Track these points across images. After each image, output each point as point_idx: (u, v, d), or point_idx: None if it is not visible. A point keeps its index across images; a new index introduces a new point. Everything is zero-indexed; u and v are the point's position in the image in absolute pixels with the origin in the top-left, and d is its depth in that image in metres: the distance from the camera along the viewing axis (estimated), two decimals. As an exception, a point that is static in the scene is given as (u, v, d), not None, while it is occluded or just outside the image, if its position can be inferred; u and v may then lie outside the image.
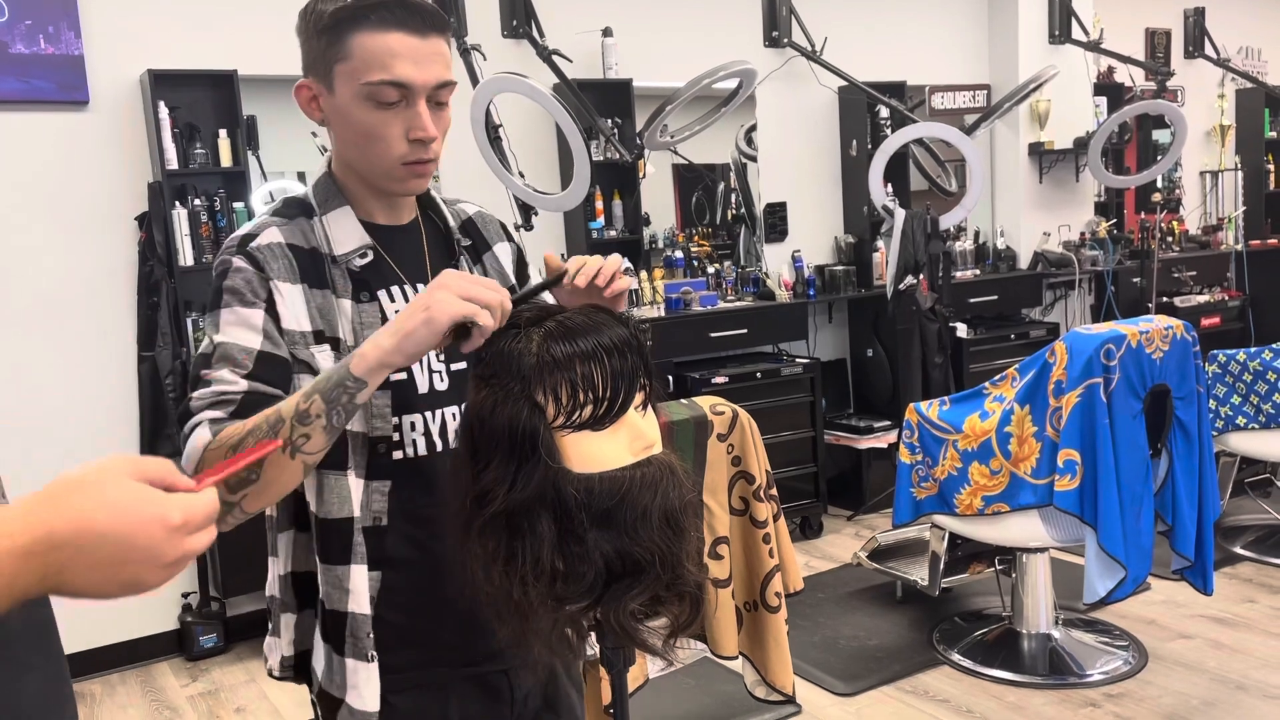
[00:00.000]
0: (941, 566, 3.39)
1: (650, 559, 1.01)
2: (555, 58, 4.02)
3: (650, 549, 1.01)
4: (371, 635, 1.24)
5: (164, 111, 3.61)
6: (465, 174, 4.21)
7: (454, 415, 1.31)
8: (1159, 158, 6.06)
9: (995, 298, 5.52)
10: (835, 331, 5.38)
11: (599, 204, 4.62)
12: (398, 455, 1.26)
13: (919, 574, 3.58)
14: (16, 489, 3.00)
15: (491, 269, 1.43)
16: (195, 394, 1.16)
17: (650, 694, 2.88)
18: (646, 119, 4.31)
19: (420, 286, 1.32)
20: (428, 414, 1.29)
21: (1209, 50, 6.10)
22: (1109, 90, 6.12)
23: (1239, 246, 6.45)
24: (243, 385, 1.15)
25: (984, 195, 5.64)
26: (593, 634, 1.26)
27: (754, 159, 5.16)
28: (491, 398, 1.00)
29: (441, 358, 1.31)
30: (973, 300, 5.41)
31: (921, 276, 4.60)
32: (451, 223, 1.41)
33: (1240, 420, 3.89)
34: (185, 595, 3.80)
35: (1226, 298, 6.22)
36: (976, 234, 5.79)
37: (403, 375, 1.27)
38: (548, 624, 1.03)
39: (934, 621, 3.61)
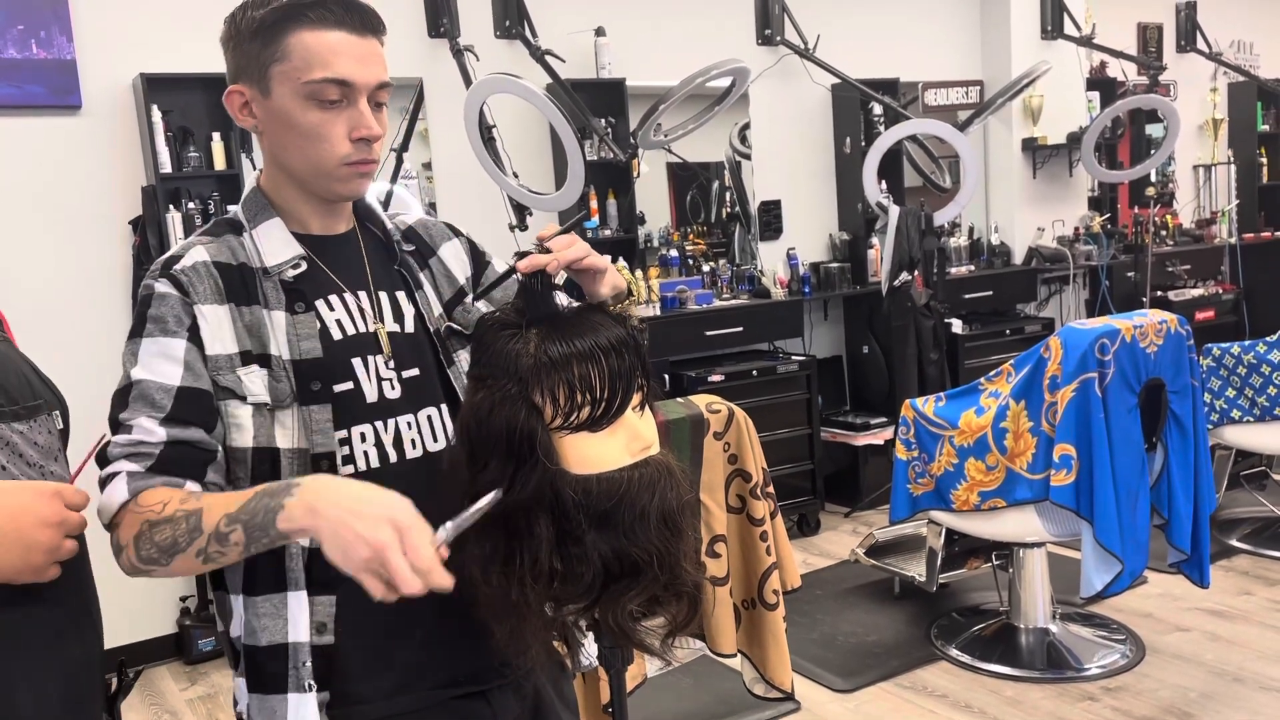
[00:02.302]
0: (939, 562, 3.39)
1: (648, 559, 1.01)
2: (548, 58, 4.02)
3: (648, 549, 1.01)
4: (309, 664, 1.16)
5: (157, 115, 3.60)
6: (459, 175, 4.22)
7: (409, 424, 1.24)
8: (1152, 152, 6.06)
9: (990, 293, 5.52)
10: (831, 329, 5.39)
11: (593, 203, 4.62)
12: (348, 470, 1.19)
13: (916, 570, 3.59)
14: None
15: (439, 273, 1.38)
16: (114, 439, 1.12)
17: (649, 692, 2.88)
18: (640, 118, 4.31)
19: (362, 294, 1.28)
20: (379, 424, 1.22)
21: (1201, 44, 6.11)
22: (1102, 85, 6.13)
23: (1232, 240, 6.46)
24: (161, 435, 1.11)
25: (978, 191, 5.65)
26: (590, 638, 1.25)
27: (748, 157, 5.16)
28: (489, 399, 1.00)
29: (390, 364, 1.26)
30: (968, 296, 5.41)
31: (916, 273, 4.61)
32: (390, 228, 1.37)
33: (1235, 413, 3.90)
34: (183, 599, 3.79)
35: (1220, 291, 6.23)
36: (971, 230, 5.80)
37: (348, 384, 1.22)
38: (545, 625, 1.03)
39: (932, 617, 3.62)
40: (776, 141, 5.18)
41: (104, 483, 1.10)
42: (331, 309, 1.25)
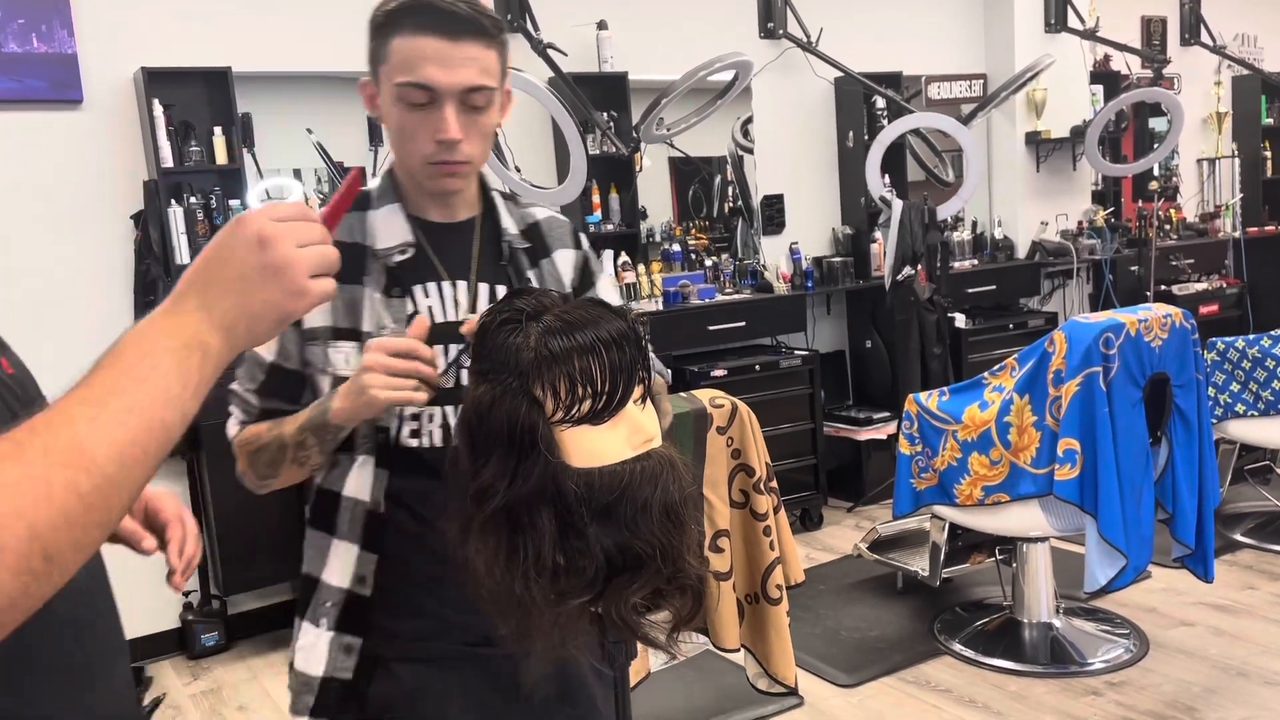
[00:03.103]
0: (942, 557, 3.39)
1: (651, 552, 1.01)
2: (550, 51, 4.01)
3: (651, 542, 1.01)
4: (330, 605, 1.32)
5: (158, 109, 3.60)
6: (461, 169, 4.21)
7: None
8: (1156, 146, 6.05)
9: (993, 288, 5.51)
10: (834, 323, 5.38)
11: (595, 198, 4.61)
12: (413, 443, 1.32)
13: (919, 565, 3.58)
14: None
15: (548, 275, 1.45)
16: (232, 387, 1.35)
17: (652, 687, 2.88)
18: (642, 112, 4.31)
19: (461, 284, 1.38)
20: (449, 408, 1.33)
21: (1205, 37, 6.09)
22: (1105, 78, 6.11)
23: (1237, 234, 6.45)
24: (256, 404, 1.34)
25: (981, 185, 5.64)
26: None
27: (750, 151, 5.15)
28: (490, 393, 1.00)
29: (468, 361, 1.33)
30: (971, 290, 5.40)
31: (919, 267, 4.60)
32: (509, 225, 1.43)
33: (1239, 407, 3.89)
34: (186, 594, 3.80)
35: (1224, 285, 6.21)
36: (974, 224, 5.79)
37: None
38: (550, 619, 1.03)
39: (935, 612, 3.62)
40: (779, 135, 5.17)
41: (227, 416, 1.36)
42: (427, 295, 1.36)
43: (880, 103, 5.18)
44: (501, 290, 1.41)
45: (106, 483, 0.68)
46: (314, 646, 1.33)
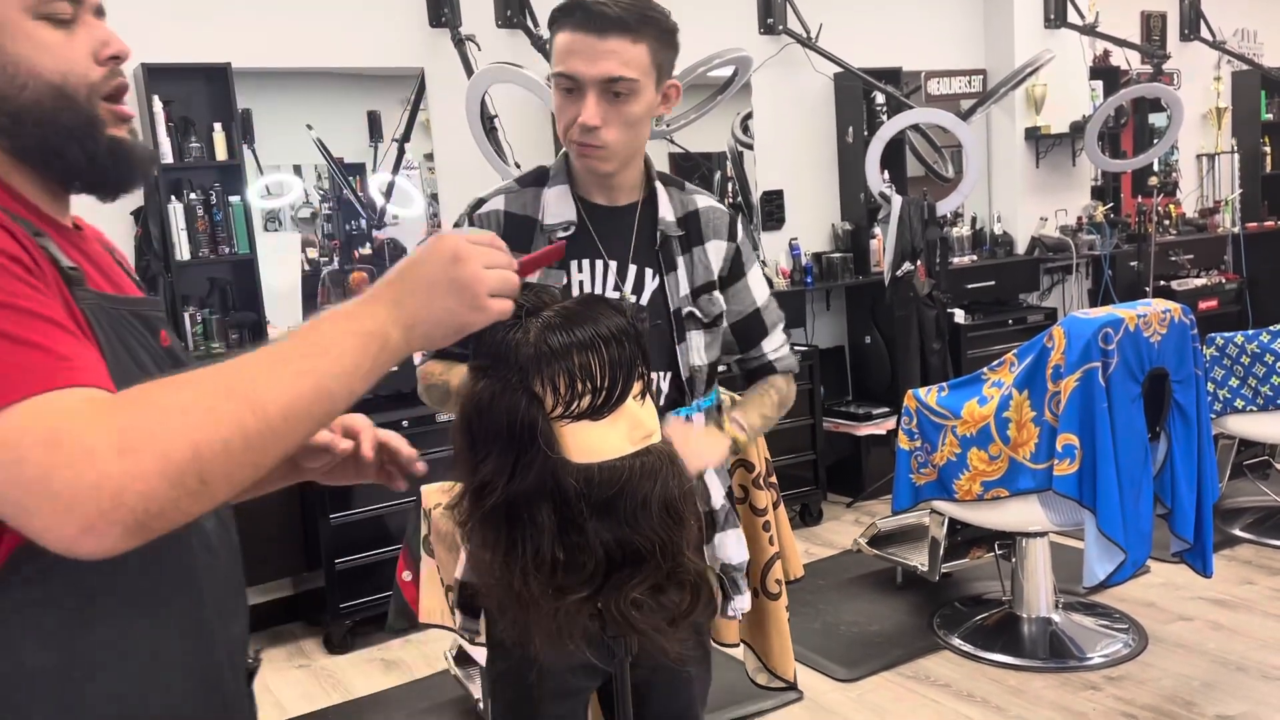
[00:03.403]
0: (941, 552, 3.39)
1: (650, 548, 1.01)
2: (550, 47, 4.01)
3: (650, 538, 1.01)
4: None
5: (158, 105, 3.60)
6: (461, 166, 4.21)
7: None
8: (1155, 141, 6.05)
9: (993, 283, 5.51)
10: (833, 319, 5.38)
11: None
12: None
13: (919, 560, 3.59)
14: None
15: (698, 262, 1.60)
16: None
17: (652, 682, 2.88)
18: (642, 108, 4.30)
19: (614, 263, 1.54)
20: None
21: (1205, 33, 6.09)
22: (1105, 74, 6.11)
23: (1236, 229, 6.44)
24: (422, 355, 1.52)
25: (980, 181, 5.64)
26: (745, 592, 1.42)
27: (750, 147, 5.15)
28: (489, 389, 1.00)
29: None
30: (970, 286, 5.40)
31: (919, 263, 4.60)
32: (666, 214, 1.58)
33: (1238, 403, 3.89)
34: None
35: (1224, 280, 6.21)
36: (973, 220, 5.78)
37: None
38: (549, 614, 1.03)
39: (934, 607, 3.62)
40: (779, 131, 5.17)
41: None
42: (581, 270, 1.53)
43: (880, 98, 5.17)
44: (650, 272, 1.56)
45: (269, 429, 0.78)
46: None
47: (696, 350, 1.59)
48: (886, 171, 4.88)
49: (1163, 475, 2.97)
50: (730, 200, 5.27)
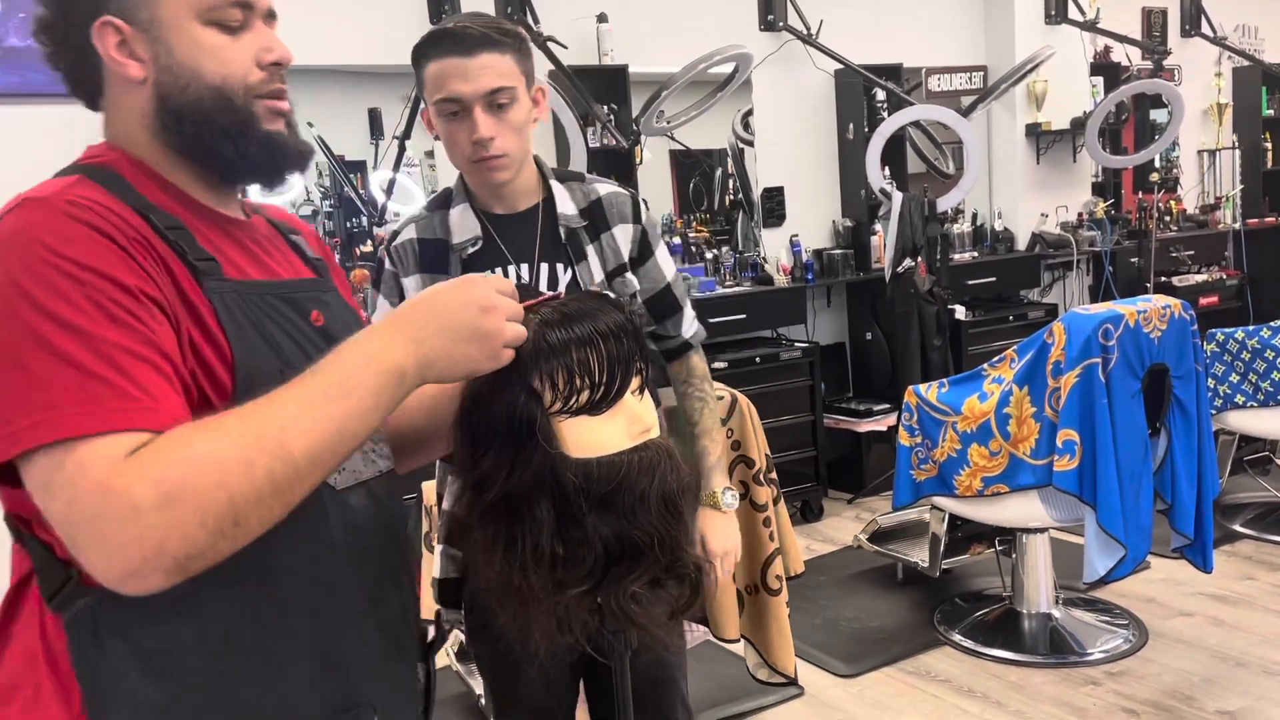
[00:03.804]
0: (942, 548, 3.40)
1: (649, 542, 1.02)
2: (550, 44, 4.01)
3: (649, 532, 1.01)
4: (443, 527, 1.47)
5: (159, 103, 3.60)
6: (462, 162, 4.21)
7: None
8: (1156, 137, 6.05)
9: (993, 279, 5.51)
10: (834, 315, 5.39)
11: (596, 191, 4.61)
12: None
13: (919, 555, 3.59)
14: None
15: (607, 248, 1.68)
16: None
17: (653, 678, 2.89)
18: (643, 105, 4.31)
19: (524, 266, 1.63)
20: None
21: (1206, 29, 6.08)
22: (1106, 70, 6.10)
23: (1237, 225, 6.44)
24: None
25: (981, 177, 5.64)
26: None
27: (751, 144, 5.15)
28: (488, 385, 1.00)
29: None
30: (971, 282, 5.40)
31: (919, 259, 4.60)
32: (565, 208, 1.65)
33: (1239, 398, 3.89)
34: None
35: (1224, 276, 6.21)
36: (974, 216, 5.78)
37: None
38: (548, 609, 1.04)
39: (935, 602, 3.63)
40: (779, 128, 5.17)
41: None
42: None
43: (880, 95, 5.17)
44: (561, 268, 1.64)
45: (296, 474, 0.83)
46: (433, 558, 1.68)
47: None
48: (887, 168, 4.89)
49: (1163, 471, 2.97)
50: (731, 197, 5.28)
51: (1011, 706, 2.91)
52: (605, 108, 4.50)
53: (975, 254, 5.60)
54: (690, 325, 1.88)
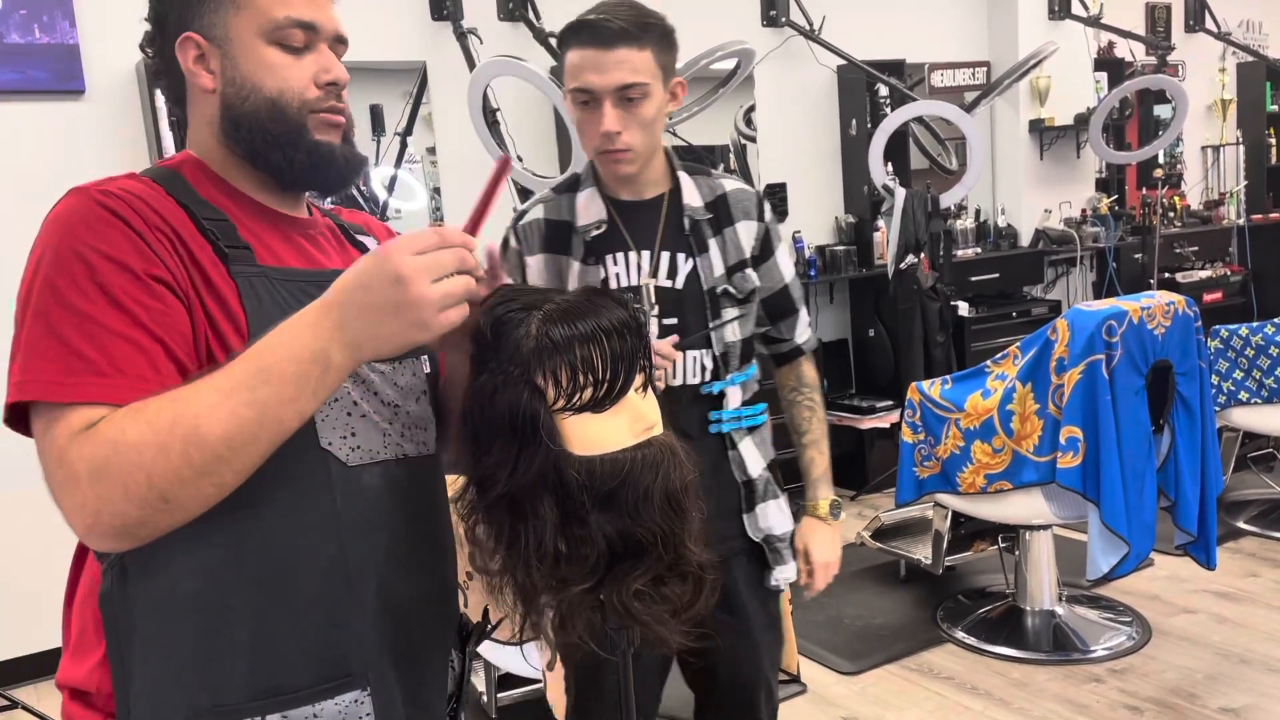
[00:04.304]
0: (945, 545, 3.40)
1: (652, 540, 1.01)
2: (552, 40, 4.00)
3: (652, 530, 1.01)
4: None
5: (160, 100, 3.59)
6: (463, 159, 4.21)
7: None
8: (1160, 133, 6.03)
9: (996, 276, 5.50)
10: (836, 312, 5.38)
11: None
12: None
13: (922, 553, 3.59)
14: (12, 486, 3.07)
15: (729, 242, 1.70)
16: None
17: (656, 675, 2.89)
18: (645, 101, 4.29)
19: (645, 253, 1.66)
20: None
21: (1210, 24, 6.06)
22: (1109, 65, 6.09)
23: (1240, 221, 6.43)
24: None
25: (984, 173, 5.63)
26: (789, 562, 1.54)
27: (753, 140, 5.14)
28: (491, 382, 1.00)
29: (654, 312, 1.65)
30: (974, 279, 5.39)
31: (922, 255, 4.59)
32: (691, 200, 1.68)
33: (1242, 395, 3.89)
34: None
35: (1228, 273, 6.20)
36: (977, 212, 5.77)
37: None
38: (552, 606, 1.03)
39: (938, 600, 3.62)
40: (782, 124, 5.16)
41: None
42: (615, 263, 1.66)
43: (883, 91, 5.16)
44: (681, 258, 1.67)
45: (215, 458, 0.88)
46: None
47: (731, 326, 1.71)
48: (890, 164, 4.87)
49: (1166, 468, 2.96)
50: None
51: (1015, 704, 2.91)
52: (607, 104, 4.48)
53: (978, 250, 5.59)
54: (804, 331, 1.88)
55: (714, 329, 1.67)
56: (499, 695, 2.84)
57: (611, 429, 1.01)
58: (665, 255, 1.67)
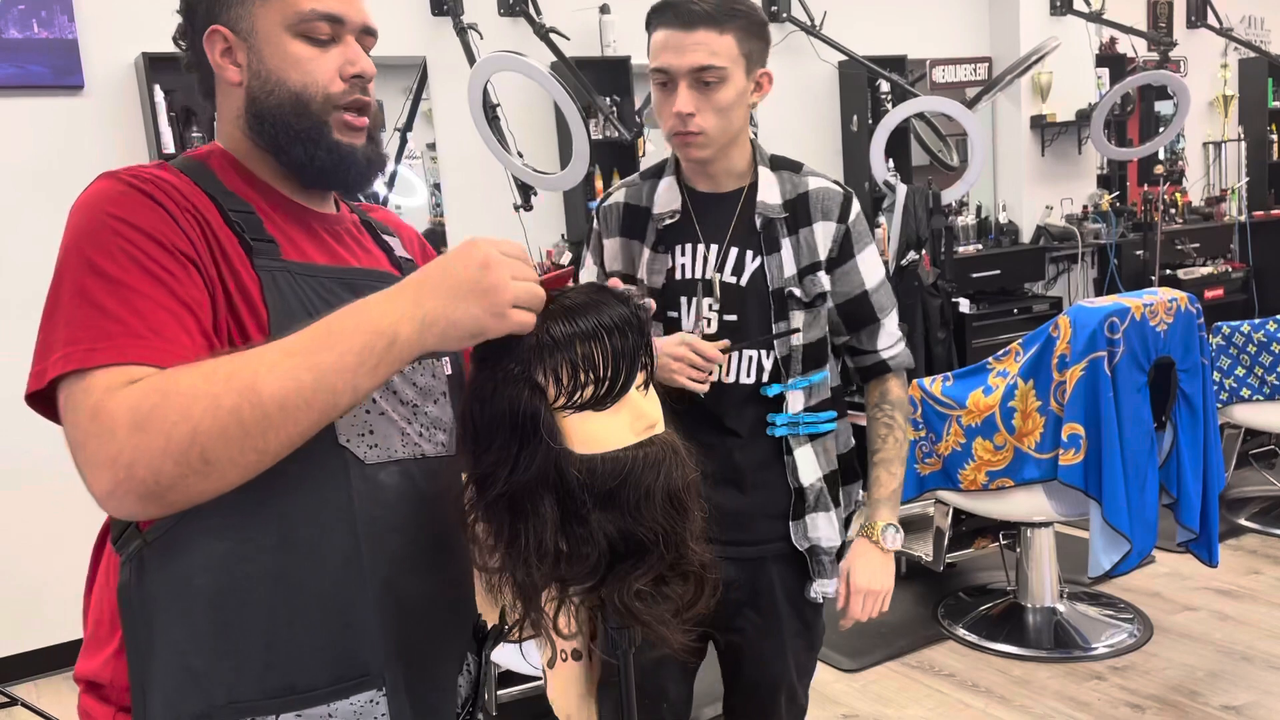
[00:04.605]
0: (946, 542, 3.39)
1: (654, 539, 1.00)
2: (552, 35, 3.99)
3: (653, 529, 1.00)
4: None
5: (159, 95, 3.59)
6: (463, 155, 4.20)
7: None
8: (1161, 129, 6.01)
9: (998, 272, 5.49)
10: (837, 308, 5.36)
11: (598, 183, 4.60)
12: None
13: (923, 550, 3.58)
14: (14, 481, 3.06)
15: (804, 242, 1.65)
16: None
17: (656, 672, 2.88)
18: (645, 96, 4.29)
19: (714, 246, 1.64)
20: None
21: (1212, 20, 6.04)
22: (1111, 61, 6.07)
23: (1242, 218, 6.42)
24: None
25: (986, 169, 5.62)
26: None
27: (754, 135, 5.13)
28: (491, 380, 0.99)
29: (715, 306, 1.65)
30: (975, 275, 5.39)
31: (924, 252, 4.58)
32: (767, 197, 1.65)
33: (1244, 392, 3.88)
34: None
35: (1230, 269, 6.19)
36: (979, 209, 5.76)
37: (674, 313, 1.65)
38: (552, 606, 1.03)
39: (939, 597, 3.62)
40: (783, 120, 5.15)
41: None
42: (683, 254, 1.65)
43: (884, 86, 5.15)
44: (749, 254, 1.63)
45: (265, 418, 0.86)
46: None
47: (794, 327, 1.65)
48: (891, 160, 4.86)
49: (1168, 465, 2.96)
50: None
51: (1016, 701, 2.90)
52: (608, 99, 4.48)
53: (980, 247, 5.58)
54: (892, 344, 1.77)
55: (774, 338, 1.63)
56: (498, 693, 2.84)
57: (613, 427, 1.00)
58: (734, 251, 1.64)
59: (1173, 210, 6.31)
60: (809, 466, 1.70)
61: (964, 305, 5.03)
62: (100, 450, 0.85)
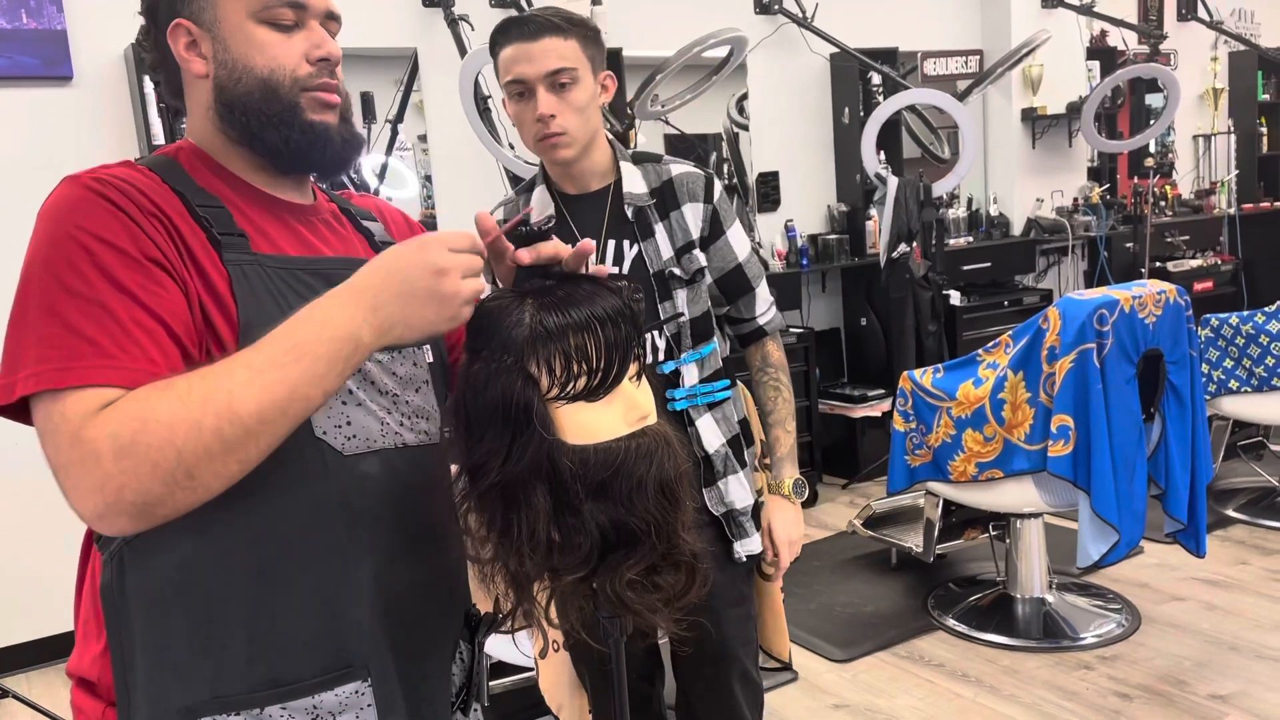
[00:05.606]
0: (936, 533, 3.40)
1: (646, 529, 1.01)
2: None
3: (646, 519, 1.01)
4: None
5: (149, 87, 3.57)
6: (455, 147, 4.19)
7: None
8: (1152, 122, 6.04)
9: (988, 265, 5.51)
10: (829, 301, 5.38)
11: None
12: None
13: (914, 541, 3.60)
14: (6, 478, 3.06)
15: (676, 226, 1.75)
16: None
17: (648, 663, 2.89)
18: (637, 89, 4.28)
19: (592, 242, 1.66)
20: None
21: (1202, 13, 6.06)
22: (1102, 54, 6.09)
23: (1232, 210, 6.44)
24: None
25: (977, 162, 5.62)
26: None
27: (746, 128, 5.13)
28: (484, 370, 0.99)
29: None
30: (966, 267, 5.40)
31: (915, 244, 4.60)
32: (632, 188, 1.73)
33: (1233, 384, 3.90)
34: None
35: (1219, 262, 6.22)
36: (969, 201, 5.78)
37: None
38: (544, 595, 1.03)
39: (929, 588, 3.63)
40: (774, 112, 5.15)
41: None
42: None
43: (876, 79, 5.15)
44: (627, 244, 1.73)
45: (246, 434, 0.88)
46: None
47: (679, 305, 1.76)
48: (882, 153, 4.87)
49: (1157, 456, 2.98)
50: (725, 182, 5.25)
51: (1005, 691, 2.92)
52: (600, 91, 4.47)
53: (970, 239, 5.60)
54: (766, 309, 1.90)
55: (663, 322, 1.73)
56: (490, 683, 2.84)
57: (605, 418, 1.01)
58: (611, 243, 1.73)
59: (1163, 203, 6.33)
60: (711, 434, 1.81)
61: (954, 297, 5.05)
62: (85, 477, 0.86)
